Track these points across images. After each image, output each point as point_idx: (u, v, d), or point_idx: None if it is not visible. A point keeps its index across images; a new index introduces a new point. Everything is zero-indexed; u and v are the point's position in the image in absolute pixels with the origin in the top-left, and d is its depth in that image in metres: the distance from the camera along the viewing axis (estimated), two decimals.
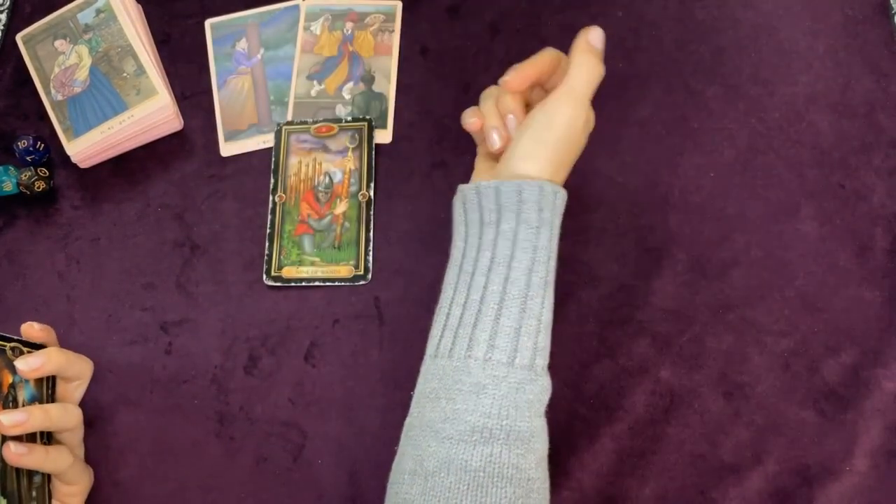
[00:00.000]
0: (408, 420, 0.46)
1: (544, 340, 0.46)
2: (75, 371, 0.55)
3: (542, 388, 0.45)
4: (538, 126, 0.48)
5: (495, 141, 0.51)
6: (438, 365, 0.46)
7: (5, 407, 0.49)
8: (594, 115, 0.51)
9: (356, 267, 0.61)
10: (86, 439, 0.56)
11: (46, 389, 0.53)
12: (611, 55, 0.67)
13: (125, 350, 0.60)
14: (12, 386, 0.50)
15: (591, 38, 0.50)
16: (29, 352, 0.52)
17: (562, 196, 0.49)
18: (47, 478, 0.51)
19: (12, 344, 0.51)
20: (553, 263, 0.47)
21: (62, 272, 0.64)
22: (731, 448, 0.54)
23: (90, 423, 0.57)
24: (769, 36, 0.66)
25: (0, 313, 0.62)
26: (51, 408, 0.51)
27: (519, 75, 0.51)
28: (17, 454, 0.48)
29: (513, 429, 0.43)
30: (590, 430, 0.55)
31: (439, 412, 0.44)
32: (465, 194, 0.49)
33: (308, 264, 0.61)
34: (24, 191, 0.64)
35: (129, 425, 0.58)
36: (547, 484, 0.45)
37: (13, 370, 0.50)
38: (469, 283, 0.47)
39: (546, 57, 0.52)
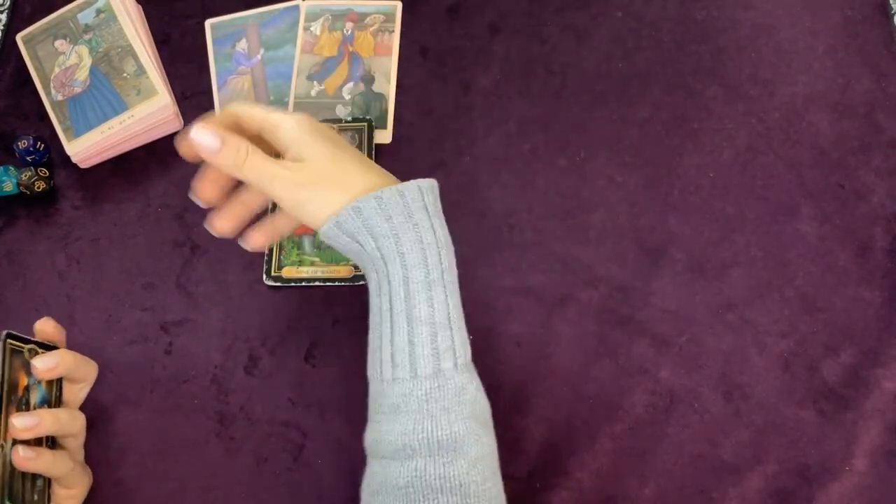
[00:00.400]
0: None
1: (446, 341, 0.45)
2: (83, 373, 0.55)
3: (455, 390, 0.44)
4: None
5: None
6: (371, 389, 0.47)
7: (18, 409, 0.49)
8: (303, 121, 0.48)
9: (356, 267, 0.61)
10: (86, 439, 0.56)
11: (55, 391, 0.53)
12: (611, 55, 0.67)
13: (125, 350, 0.60)
14: (27, 388, 0.50)
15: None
16: (43, 353, 0.52)
17: (388, 196, 0.46)
18: (47, 481, 0.51)
19: (30, 346, 0.51)
20: (433, 260, 0.46)
21: (62, 272, 0.64)
22: (731, 448, 0.54)
23: (90, 423, 0.57)
24: (769, 36, 0.66)
25: (0, 313, 0.62)
26: (60, 412, 0.51)
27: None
28: (26, 458, 0.48)
29: (432, 440, 0.43)
30: (590, 430, 0.55)
31: (373, 434, 0.46)
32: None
33: (308, 264, 0.61)
34: (24, 191, 0.64)
35: (129, 425, 0.58)
36: (490, 484, 0.44)
37: (28, 372, 0.50)
38: (370, 306, 0.48)
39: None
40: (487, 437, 0.45)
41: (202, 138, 0.46)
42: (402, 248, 0.46)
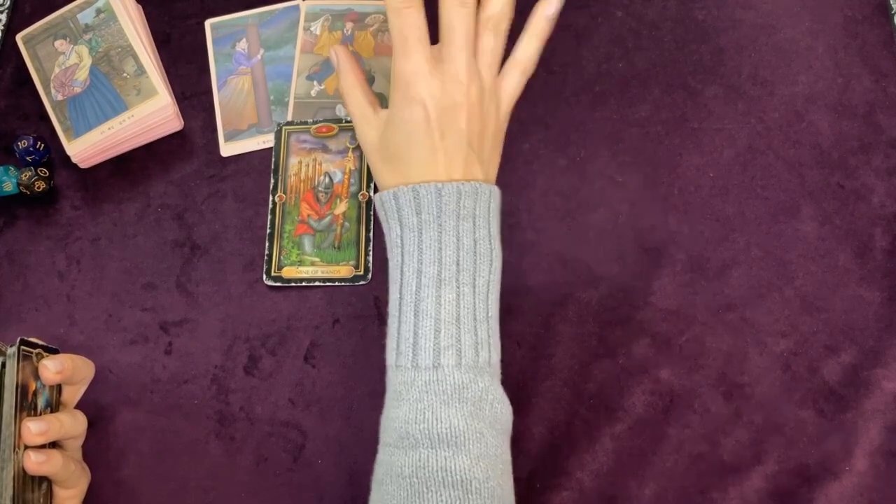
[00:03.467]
0: None
1: (449, 338, 0.45)
2: (83, 374, 0.55)
3: (455, 386, 0.44)
4: (386, 134, 0.50)
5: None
6: (387, 375, 0.48)
7: (28, 414, 0.49)
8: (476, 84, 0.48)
9: (356, 267, 0.61)
10: (86, 439, 0.56)
11: (55, 393, 0.53)
12: (611, 55, 0.67)
13: (125, 350, 0.61)
14: (34, 393, 0.50)
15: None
16: (48, 356, 0.52)
17: (449, 190, 0.47)
18: (49, 484, 0.51)
19: (37, 350, 0.51)
20: (455, 257, 0.46)
21: (62, 272, 0.64)
22: (731, 448, 0.54)
23: (90, 422, 0.57)
24: (769, 36, 0.66)
25: (0, 313, 0.62)
26: (62, 416, 0.51)
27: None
28: (38, 462, 0.48)
29: (432, 431, 0.43)
30: (590, 430, 0.55)
31: (382, 421, 0.47)
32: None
33: (308, 264, 0.61)
34: (24, 191, 0.64)
35: (129, 425, 0.58)
36: (495, 483, 0.43)
37: (36, 376, 0.50)
38: (388, 293, 0.49)
39: None
40: (494, 438, 0.45)
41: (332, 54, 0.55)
42: (422, 244, 0.47)
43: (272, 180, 0.65)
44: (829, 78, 0.65)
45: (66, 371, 0.51)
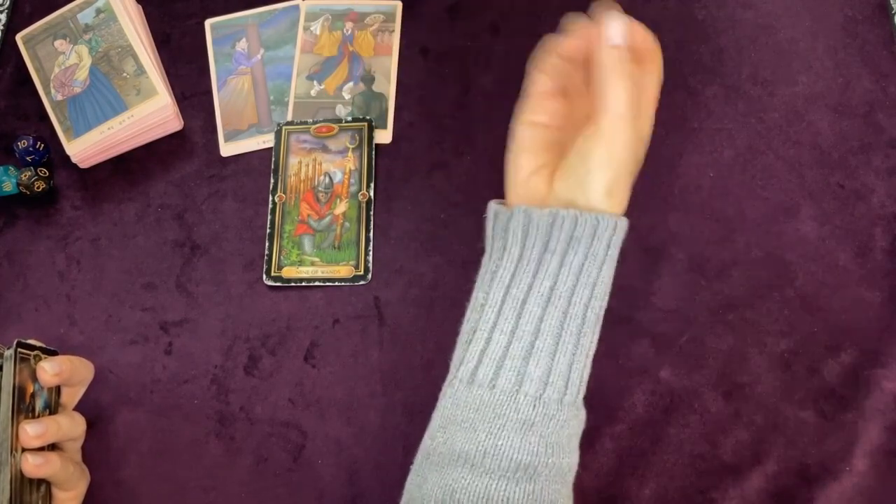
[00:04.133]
0: (429, 444, 0.44)
1: (588, 374, 0.45)
2: (82, 376, 0.55)
3: (580, 422, 0.44)
4: (604, 158, 0.46)
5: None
6: (475, 394, 0.43)
7: (25, 417, 0.49)
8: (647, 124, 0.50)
9: (356, 267, 0.61)
10: (86, 439, 0.56)
11: (54, 395, 0.53)
12: None
13: (125, 350, 0.61)
14: (32, 395, 0.50)
15: (612, 36, 0.48)
16: (47, 358, 0.52)
17: (625, 229, 0.46)
18: (48, 485, 0.51)
19: (35, 352, 0.51)
20: (608, 297, 0.46)
21: (62, 272, 0.64)
22: (731, 448, 0.54)
23: (90, 423, 0.57)
24: (769, 36, 0.66)
25: (0, 313, 0.62)
26: (61, 418, 0.51)
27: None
28: (36, 465, 0.48)
29: (556, 465, 0.42)
30: (590, 430, 0.55)
31: (476, 445, 0.42)
32: (530, 216, 0.45)
33: (308, 264, 0.61)
34: (24, 191, 0.64)
35: (129, 425, 0.58)
36: None
37: (34, 378, 0.50)
38: (519, 310, 0.44)
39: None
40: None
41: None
42: (601, 278, 0.45)
43: (272, 180, 0.65)
44: (829, 78, 0.65)
45: (64, 373, 0.51)
